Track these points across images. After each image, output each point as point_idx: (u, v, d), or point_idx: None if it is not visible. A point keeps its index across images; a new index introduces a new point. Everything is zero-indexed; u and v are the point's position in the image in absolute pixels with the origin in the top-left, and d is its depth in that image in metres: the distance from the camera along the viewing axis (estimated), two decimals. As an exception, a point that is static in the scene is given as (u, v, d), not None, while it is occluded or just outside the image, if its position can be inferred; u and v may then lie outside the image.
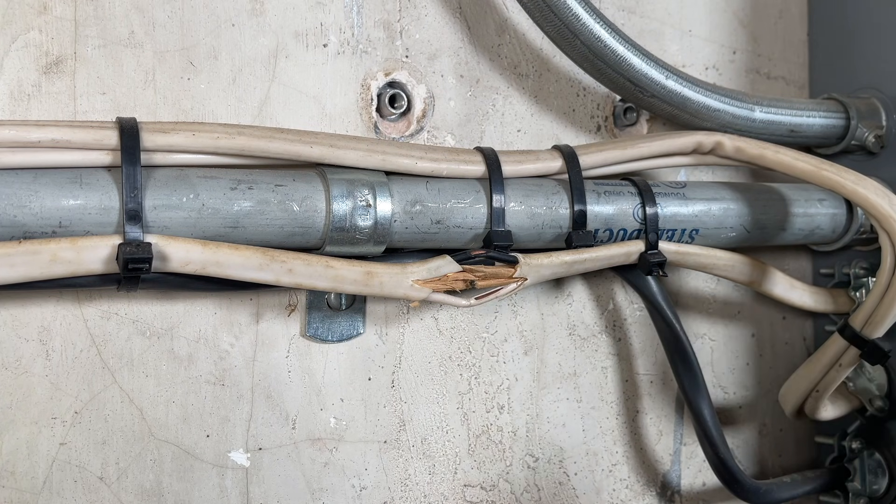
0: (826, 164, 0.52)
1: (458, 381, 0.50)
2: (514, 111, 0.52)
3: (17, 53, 0.39)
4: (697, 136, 0.51)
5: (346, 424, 0.47)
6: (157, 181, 0.37)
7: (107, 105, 0.41)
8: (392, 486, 0.48)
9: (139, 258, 0.35)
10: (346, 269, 0.40)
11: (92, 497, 0.41)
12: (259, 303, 0.45)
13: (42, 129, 0.35)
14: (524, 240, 0.46)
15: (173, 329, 0.43)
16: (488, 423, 0.51)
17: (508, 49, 0.52)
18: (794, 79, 0.63)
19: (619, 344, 0.55)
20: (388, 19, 0.48)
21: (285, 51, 0.45)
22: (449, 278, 0.43)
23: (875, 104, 0.57)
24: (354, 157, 0.41)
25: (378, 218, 0.41)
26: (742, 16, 0.61)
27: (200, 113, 0.43)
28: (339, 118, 0.47)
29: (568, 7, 0.45)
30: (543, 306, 0.53)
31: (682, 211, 0.50)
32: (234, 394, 0.44)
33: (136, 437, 0.42)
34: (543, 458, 0.53)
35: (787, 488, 0.56)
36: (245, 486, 0.44)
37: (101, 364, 0.41)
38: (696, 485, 0.58)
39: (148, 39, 0.42)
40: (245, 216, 0.39)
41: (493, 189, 0.44)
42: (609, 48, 0.47)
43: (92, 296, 0.41)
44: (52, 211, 0.35)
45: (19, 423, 0.40)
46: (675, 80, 0.49)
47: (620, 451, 0.55)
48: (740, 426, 0.61)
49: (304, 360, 0.46)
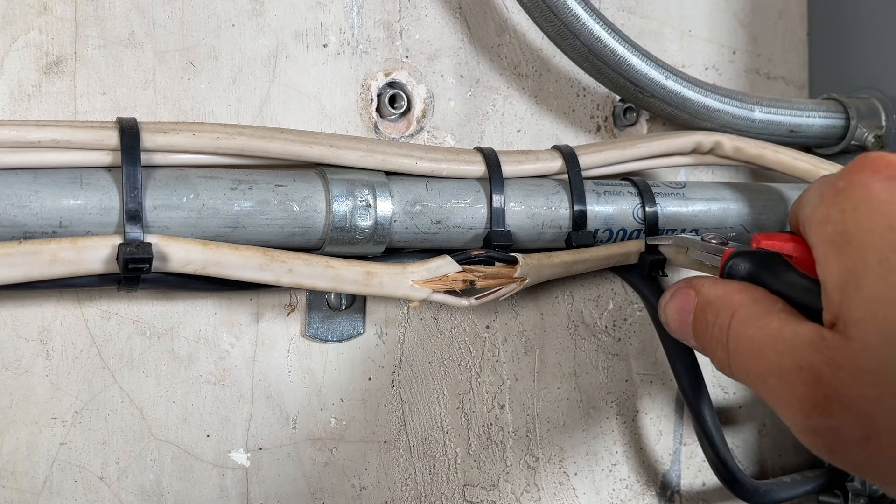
0: (826, 164, 0.52)
1: (458, 381, 0.50)
2: (514, 111, 0.52)
3: (18, 54, 0.39)
4: (697, 136, 0.51)
5: (346, 424, 0.47)
6: (157, 181, 0.37)
7: (107, 105, 0.41)
8: (392, 485, 0.48)
9: (139, 258, 0.35)
10: (346, 269, 0.40)
11: (92, 497, 0.41)
12: (259, 303, 0.45)
13: (42, 129, 0.35)
14: (524, 240, 0.46)
15: (173, 329, 0.43)
16: (488, 423, 0.51)
17: (508, 49, 0.52)
18: (794, 79, 0.63)
19: (619, 344, 0.55)
20: (388, 19, 0.48)
21: (285, 51, 0.45)
22: (449, 278, 0.43)
23: (875, 104, 0.57)
24: (354, 157, 0.41)
25: (378, 218, 0.41)
26: (742, 16, 0.61)
27: (200, 113, 0.43)
28: (339, 118, 0.47)
29: (568, 7, 0.45)
30: (543, 306, 0.53)
31: (682, 211, 0.50)
32: (235, 394, 0.44)
33: (137, 436, 0.42)
34: (543, 458, 0.53)
35: (786, 488, 0.56)
36: (245, 485, 0.45)
37: (102, 364, 0.41)
38: (696, 485, 0.58)
39: (148, 39, 0.42)
40: (245, 216, 0.39)
41: (493, 189, 0.44)
42: (609, 48, 0.47)
43: (92, 296, 0.41)
44: (53, 211, 0.35)
45: (20, 423, 0.40)
46: (675, 80, 0.50)
47: (620, 451, 0.55)
48: (740, 426, 0.61)
49: (304, 360, 0.46)
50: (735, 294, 0.35)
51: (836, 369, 0.28)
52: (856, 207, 0.29)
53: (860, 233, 0.28)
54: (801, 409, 0.29)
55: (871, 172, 0.29)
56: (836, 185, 0.30)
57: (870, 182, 0.29)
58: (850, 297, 0.28)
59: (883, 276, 0.27)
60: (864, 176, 0.29)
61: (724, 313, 0.34)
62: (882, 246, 0.27)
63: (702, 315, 0.36)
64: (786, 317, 0.31)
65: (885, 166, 0.29)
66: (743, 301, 0.34)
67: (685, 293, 0.38)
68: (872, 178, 0.29)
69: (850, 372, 0.27)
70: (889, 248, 0.27)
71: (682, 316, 0.37)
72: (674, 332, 0.39)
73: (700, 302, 0.36)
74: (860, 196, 0.29)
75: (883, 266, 0.27)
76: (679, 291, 0.38)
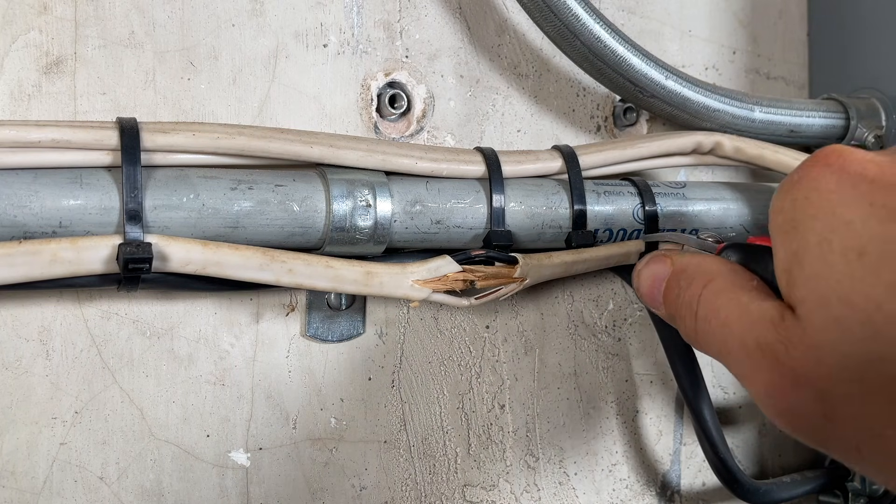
0: (826, 164, 0.52)
1: (458, 381, 0.50)
2: (513, 111, 0.52)
3: (18, 54, 0.39)
4: (697, 136, 0.51)
5: (346, 424, 0.47)
6: (157, 181, 0.37)
7: (107, 105, 0.41)
8: (392, 485, 0.48)
9: (139, 258, 0.35)
10: (346, 269, 0.40)
11: (92, 497, 0.41)
12: (259, 303, 0.45)
13: (42, 130, 0.35)
14: (524, 240, 0.46)
15: (173, 329, 0.43)
16: (488, 423, 0.51)
17: (508, 49, 0.52)
18: (794, 79, 0.63)
19: (619, 344, 0.55)
20: (388, 19, 0.48)
21: (285, 51, 0.45)
22: (449, 278, 0.43)
23: (875, 104, 0.57)
24: (354, 157, 0.41)
25: (378, 218, 0.41)
26: (742, 16, 0.61)
27: (200, 113, 0.43)
28: (339, 118, 0.47)
29: (568, 7, 0.45)
30: (543, 306, 0.53)
31: (682, 211, 0.50)
32: (235, 394, 0.44)
33: (137, 436, 0.42)
34: (543, 458, 0.53)
35: (786, 488, 0.56)
36: (245, 485, 0.45)
37: (102, 364, 0.41)
38: (696, 485, 0.58)
39: (148, 40, 0.42)
40: (245, 216, 0.39)
41: (493, 189, 0.44)
42: (609, 48, 0.47)
43: (92, 296, 0.41)
44: (53, 211, 0.35)
45: (20, 423, 0.40)
46: (675, 80, 0.50)
47: (620, 451, 0.55)
48: (740, 426, 0.61)
49: (304, 360, 0.46)
50: (712, 264, 0.35)
51: (791, 348, 0.28)
52: (806, 197, 0.30)
53: (805, 219, 0.29)
54: (763, 387, 0.29)
55: (824, 166, 0.30)
56: (792, 178, 0.31)
57: (821, 174, 0.30)
58: (794, 278, 0.29)
59: (821, 255, 0.28)
60: (817, 169, 0.30)
61: (699, 281, 0.35)
62: (822, 228, 0.28)
63: (675, 282, 0.36)
64: (757, 294, 0.32)
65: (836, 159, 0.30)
66: (720, 271, 0.34)
67: (661, 260, 0.38)
68: (824, 171, 0.30)
69: (801, 350, 0.28)
70: (829, 230, 0.28)
71: (655, 283, 0.38)
72: (643, 296, 0.39)
73: (675, 269, 0.37)
74: (811, 187, 0.30)
75: (821, 247, 0.28)
76: (655, 258, 0.39)
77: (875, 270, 0.26)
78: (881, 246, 0.27)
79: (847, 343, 0.27)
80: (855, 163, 0.29)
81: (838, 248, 0.27)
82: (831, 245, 0.28)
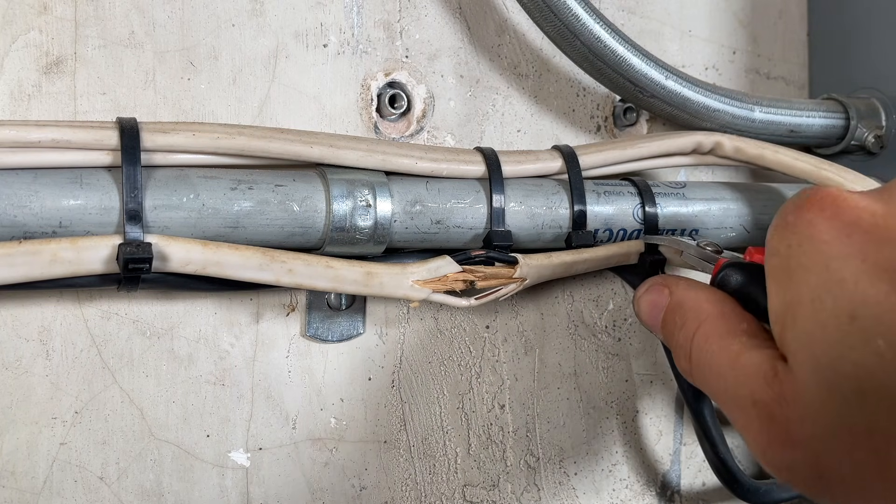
0: (826, 164, 0.52)
1: (458, 381, 0.50)
2: (513, 111, 0.52)
3: (18, 54, 0.39)
4: (697, 136, 0.51)
5: (346, 424, 0.47)
6: (157, 181, 0.37)
7: (107, 105, 0.41)
8: (392, 485, 0.48)
9: (139, 258, 0.35)
10: (346, 269, 0.40)
11: (92, 497, 0.41)
12: (259, 303, 0.45)
13: (42, 130, 0.35)
14: (524, 240, 0.46)
15: (173, 329, 0.43)
16: (488, 423, 0.51)
17: (508, 49, 0.52)
18: (794, 79, 0.63)
19: (619, 344, 0.55)
20: (388, 19, 0.48)
21: (285, 51, 0.45)
22: (449, 278, 0.43)
23: (875, 104, 0.57)
24: (354, 157, 0.41)
25: (378, 218, 0.41)
26: (742, 16, 0.61)
27: (200, 113, 0.43)
28: (339, 118, 0.47)
29: (568, 7, 0.45)
30: (543, 306, 0.53)
31: (682, 211, 0.50)
32: (235, 394, 0.44)
33: (137, 436, 0.42)
34: (543, 458, 0.53)
35: (786, 488, 0.56)
36: (245, 486, 0.45)
37: (102, 364, 0.41)
38: (696, 485, 0.58)
39: (148, 39, 0.42)
40: (245, 216, 0.39)
41: (493, 189, 0.44)
42: (609, 48, 0.47)
43: (92, 296, 0.41)
44: (53, 211, 0.35)
45: (20, 423, 0.40)
46: (675, 80, 0.50)
47: (620, 451, 0.55)
48: (740, 426, 0.61)
49: (304, 360, 0.46)
50: (704, 304, 0.35)
51: (785, 406, 0.28)
52: (800, 244, 0.29)
53: (799, 270, 0.29)
54: (758, 442, 0.29)
55: (818, 211, 0.30)
56: (787, 218, 0.31)
57: (815, 220, 0.29)
58: (787, 331, 0.29)
59: (814, 314, 0.28)
60: (811, 214, 0.30)
61: (691, 323, 0.35)
62: (816, 284, 0.28)
63: (671, 316, 0.37)
64: (747, 340, 0.32)
65: (830, 205, 0.30)
66: (711, 313, 0.34)
67: (659, 290, 0.38)
68: (818, 217, 0.29)
69: (795, 409, 0.28)
70: (822, 287, 0.28)
71: (654, 311, 0.38)
72: (643, 322, 0.40)
73: (672, 303, 0.37)
74: (805, 234, 0.29)
75: (814, 304, 0.28)
76: (654, 287, 0.39)
77: (865, 337, 0.26)
78: (872, 310, 0.26)
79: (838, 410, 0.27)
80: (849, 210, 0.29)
81: (830, 309, 0.27)
82: (824, 304, 0.28)
